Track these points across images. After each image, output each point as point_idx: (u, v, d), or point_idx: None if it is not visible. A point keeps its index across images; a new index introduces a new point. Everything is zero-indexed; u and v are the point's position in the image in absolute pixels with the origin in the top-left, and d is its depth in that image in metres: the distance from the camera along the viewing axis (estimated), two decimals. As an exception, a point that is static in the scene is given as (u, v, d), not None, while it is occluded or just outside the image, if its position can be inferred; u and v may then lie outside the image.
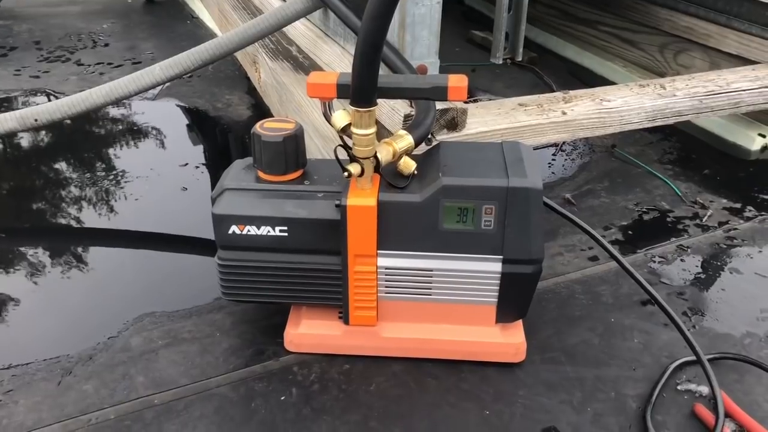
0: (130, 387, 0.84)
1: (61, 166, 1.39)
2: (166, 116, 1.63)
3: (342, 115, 0.79)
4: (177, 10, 2.43)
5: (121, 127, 1.58)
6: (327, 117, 0.81)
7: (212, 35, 2.14)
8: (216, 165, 1.38)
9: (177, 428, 0.78)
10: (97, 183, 1.31)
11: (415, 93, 0.79)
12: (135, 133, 1.54)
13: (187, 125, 1.58)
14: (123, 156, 1.43)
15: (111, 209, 1.23)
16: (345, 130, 0.79)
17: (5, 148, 1.47)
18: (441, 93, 0.77)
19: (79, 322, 0.96)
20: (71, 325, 0.95)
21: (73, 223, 1.21)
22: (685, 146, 1.48)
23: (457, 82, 0.76)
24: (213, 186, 1.28)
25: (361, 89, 0.74)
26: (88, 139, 1.52)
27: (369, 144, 0.77)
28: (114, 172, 1.35)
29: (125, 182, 1.31)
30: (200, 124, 1.58)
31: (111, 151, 1.46)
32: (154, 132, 1.56)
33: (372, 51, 0.71)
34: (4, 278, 1.06)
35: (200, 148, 1.48)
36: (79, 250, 1.13)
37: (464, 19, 2.32)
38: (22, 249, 1.13)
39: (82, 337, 0.92)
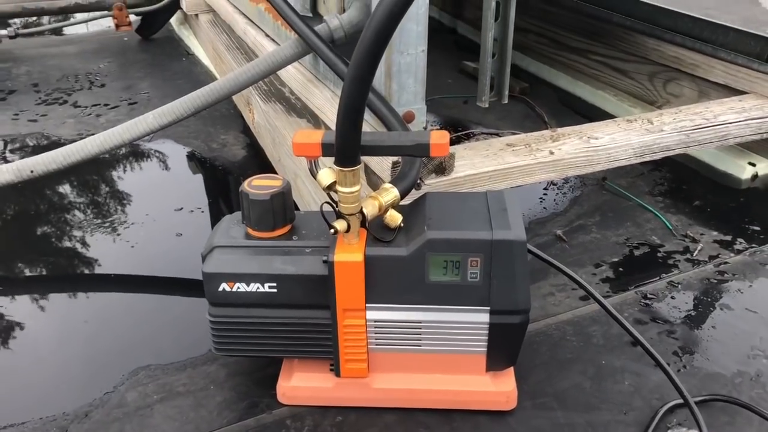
0: (124, 445, 0.85)
1: (57, 212, 1.40)
2: (162, 158, 1.65)
3: (327, 173, 0.80)
4: (172, 47, 2.46)
5: (117, 169, 1.60)
6: (313, 174, 0.82)
7: (207, 72, 2.16)
8: (211, 209, 1.40)
9: (171, 487, 0.79)
10: (93, 229, 1.32)
11: (397, 151, 0.81)
12: (131, 176, 1.56)
13: (183, 167, 1.60)
14: (118, 200, 1.44)
15: (107, 256, 1.25)
16: (331, 187, 0.80)
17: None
18: (423, 150, 0.78)
19: (75, 377, 0.97)
20: (67, 379, 0.97)
21: (69, 271, 1.22)
22: (676, 176, 1.49)
23: (439, 138, 0.78)
24: (208, 231, 1.30)
25: (345, 150, 0.75)
26: (83, 184, 1.54)
27: (355, 201, 0.79)
28: (110, 219, 1.36)
29: (123, 228, 1.32)
30: (195, 166, 1.60)
31: (105, 195, 1.47)
32: (149, 175, 1.58)
33: (354, 114, 0.72)
34: None
35: (195, 190, 1.50)
36: (76, 300, 1.14)
37: (456, 48, 2.34)
38: (15, 299, 1.14)
39: (79, 393, 0.93)
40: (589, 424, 0.87)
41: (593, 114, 1.78)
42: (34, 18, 2.71)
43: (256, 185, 0.84)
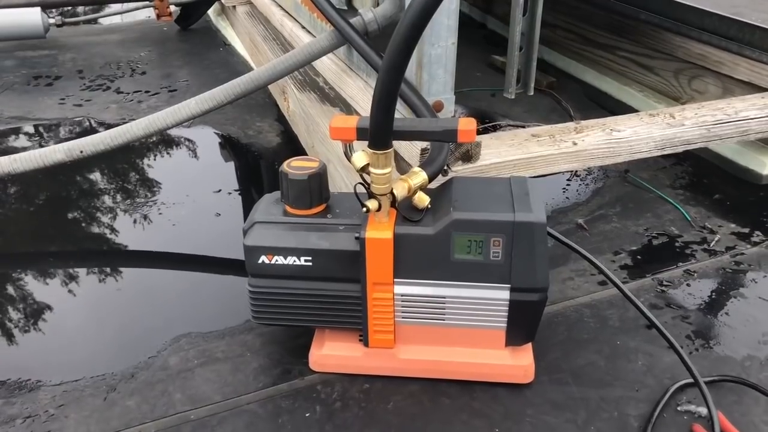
0: (168, 403, 0.92)
1: (103, 192, 1.49)
2: (201, 143, 1.72)
3: (361, 156, 0.86)
4: (210, 37, 2.54)
5: (158, 153, 1.68)
6: (348, 157, 0.88)
7: (244, 62, 2.24)
8: (247, 191, 1.47)
9: (211, 441, 0.86)
10: (137, 209, 1.40)
11: (427, 136, 0.86)
12: (171, 159, 1.64)
13: (220, 152, 1.68)
14: (160, 182, 1.52)
15: (150, 234, 1.33)
16: (364, 169, 0.86)
17: (51, 175, 1.57)
18: (451, 135, 0.84)
19: (122, 342, 1.04)
20: (115, 344, 1.04)
21: (116, 247, 1.30)
22: (697, 171, 1.53)
23: (467, 125, 0.83)
24: (245, 212, 1.37)
25: (378, 134, 0.81)
26: (127, 166, 1.62)
27: (386, 182, 0.85)
28: (153, 198, 1.44)
29: (165, 208, 1.40)
30: (232, 151, 1.67)
31: (149, 177, 1.55)
32: (189, 159, 1.65)
33: (387, 100, 0.78)
34: (53, 300, 1.15)
35: (233, 174, 1.57)
36: (122, 273, 1.22)
37: (486, 43, 2.38)
38: (70, 272, 1.22)
39: (125, 356, 1.01)
40: (603, 399, 0.92)
41: (619, 109, 1.82)
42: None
43: (295, 166, 0.91)
